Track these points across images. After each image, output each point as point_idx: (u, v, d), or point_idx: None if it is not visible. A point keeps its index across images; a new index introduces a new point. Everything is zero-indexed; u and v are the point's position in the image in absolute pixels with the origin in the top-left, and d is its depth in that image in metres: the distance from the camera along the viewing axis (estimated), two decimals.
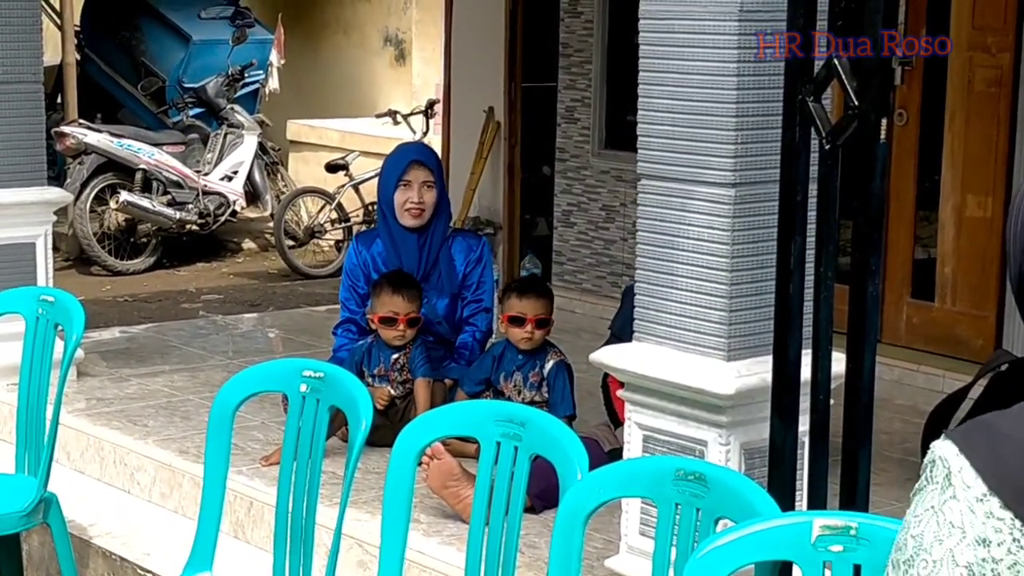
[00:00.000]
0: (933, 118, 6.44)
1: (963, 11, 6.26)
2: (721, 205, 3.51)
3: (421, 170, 5.44)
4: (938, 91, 6.40)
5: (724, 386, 3.50)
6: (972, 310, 6.34)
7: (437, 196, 5.47)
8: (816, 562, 2.64)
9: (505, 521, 3.25)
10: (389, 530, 3.33)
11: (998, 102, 6.18)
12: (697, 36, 3.51)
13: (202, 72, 11.21)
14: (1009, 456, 1.47)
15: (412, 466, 3.34)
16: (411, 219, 5.44)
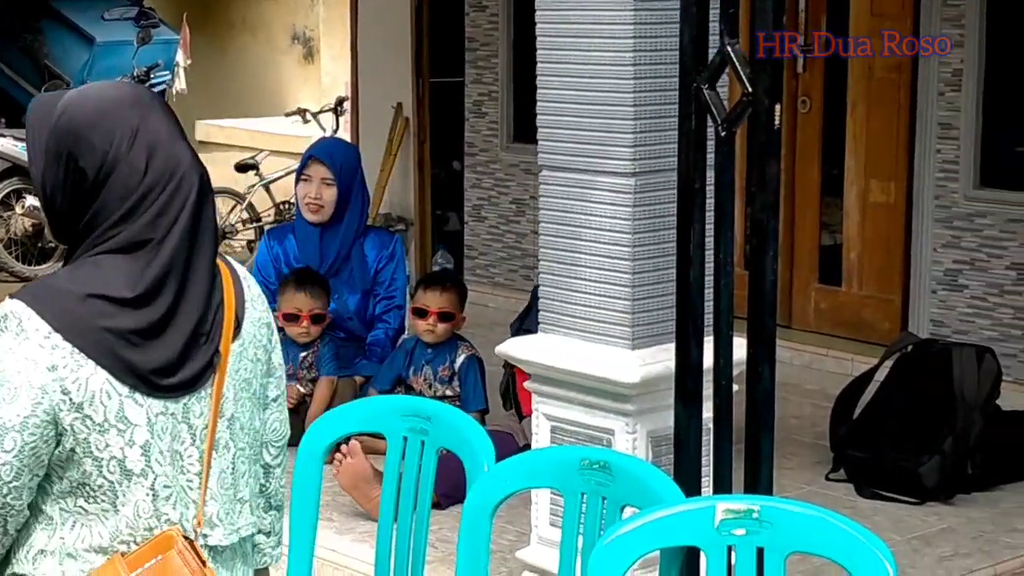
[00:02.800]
0: (836, 105, 6.50)
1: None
2: (622, 195, 3.53)
3: (320, 167, 5.46)
4: (840, 79, 6.46)
5: (629, 375, 3.52)
6: (878, 294, 6.42)
7: (341, 194, 5.45)
8: (720, 546, 2.65)
9: (414, 516, 3.24)
10: (297, 528, 3.30)
11: (898, 89, 6.25)
12: (593, 26, 3.52)
13: (107, 73, 11.08)
14: (64, 303, 2.17)
15: (319, 464, 3.32)
16: (310, 214, 5.46)
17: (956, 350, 5.07)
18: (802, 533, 2.64)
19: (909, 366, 5.16)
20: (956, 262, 6.06)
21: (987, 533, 4.59)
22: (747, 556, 2.64)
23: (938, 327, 6.09)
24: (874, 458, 4.95)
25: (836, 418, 5.16)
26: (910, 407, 5.02)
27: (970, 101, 5.96)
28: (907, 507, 4.79)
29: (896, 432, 4.96)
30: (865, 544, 2.57)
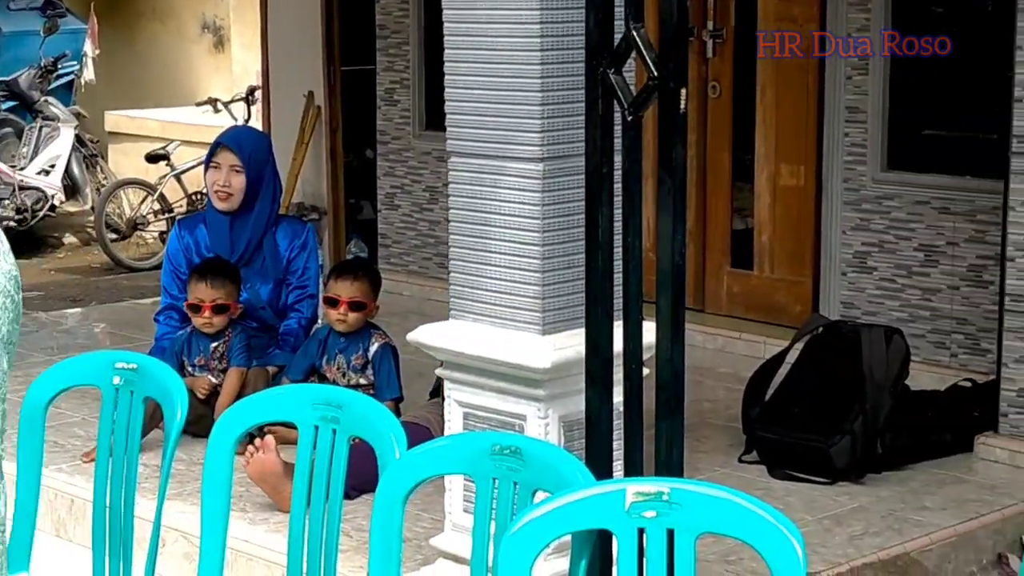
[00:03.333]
0: (745, 90, 6.54)
1: None
2: (531, 180, 3.53)
3: (228, 154, 5.44)
4: (749, 63, 6.50)
5: (540, 360, 3.53)
6: (789, 277, 6.47)
7: (251, 181, 5.43)
8: (631, 529, 2.67)
9: (326, 505, 3.23)
10: (209, 520, 3.29)
11: (807, 73, 6.29)
12: (499, 12, 3.52)
13: (13, 64, 10.98)
14: None
15: (229, 455, 3.30)
16: (218, 202, 5.46)
17: (865, 331, 5.13)
18: (711, 515, 2.65)
19: (819, 348, 5.20)
20: (865, 244, 6.12)
21: (897, 512, 4.65)
22: (658, 538, 2.66)
23: (848, 309, 6.14)
24: (786, 439, 4.99)
25: (748, 400, 5.20)
26: (821, 388, 5.07)
27: (877, 85, 6.02)
28: (819, 487, 4.84)
29: (807, 413, 5.01)
30: (773, 524, 2.59)
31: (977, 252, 5.78)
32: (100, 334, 7.18)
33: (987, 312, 5.66)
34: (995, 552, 4.57)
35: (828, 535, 4.45)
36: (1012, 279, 5.08)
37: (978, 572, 4.52)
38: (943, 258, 5.90)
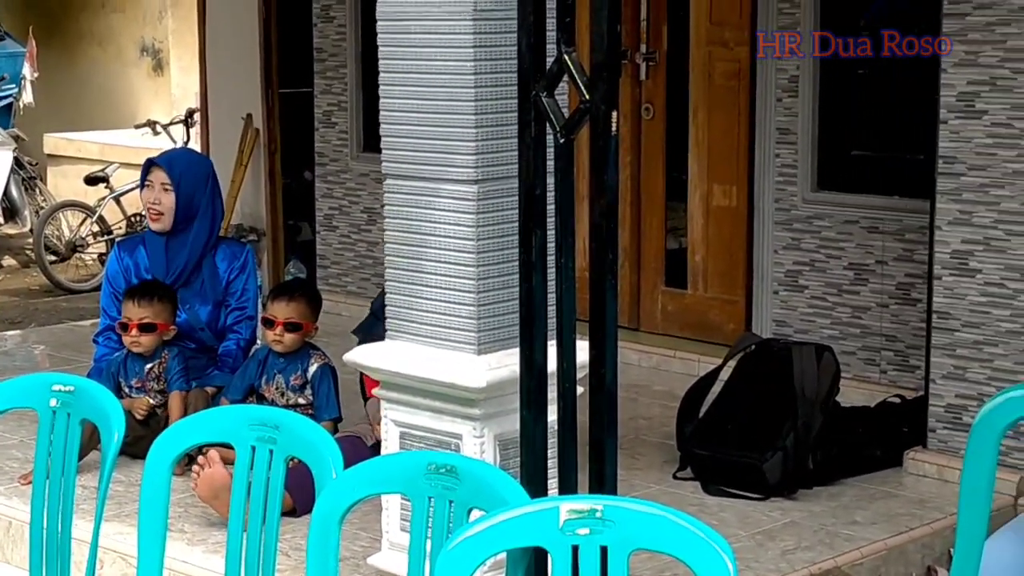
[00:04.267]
0: (678, 112, 6.58)
1: (701, 6, 6.41)
2: (465, 202, 3.54)
3: (159, 172, 5.46)
4: (681, 85, 6.54)
5: (475, 380, 3.53)
6: (723, 295, 6.50)
7: (183, 201, 5.41)
8: (565, 546, 2.67)
9: (263, 525, 3.22)
10: (145, 541, 3.26)
11: (738, 94, 6.34)
12: (433, 36, 3.52)
13: None
14: None
15: (167, 475, 3.28)
16: (152, 221, 5.47)
17: (796, 349, 5.15)
18: (644, 531, 2.66)
19: (752, 365, 5.23)
20: (796, 263, 6.16)
21: (828, 526, 4.67)
22: (591, 555, 2.66)
23: (780, 327, 6.18)
24: (719, 456, 5.01)
25: (682, 418, 5.21)
26: (753, 405, 5.09)
27: (806, 106, 6.07)
28: (752, 503, 4.86)
29: (740, 430, 5.03)
30: (704, 540, 2.60)
31: (905, 270, 5.84)
32: (39, 356, 7.11)
33: (915, 329, 5.70)
34: (924, 565, 4.60)
35: (761, 550, 4.47)
36: (939, 297, 5.12)
37: None
38: (872, 276, 5.95)
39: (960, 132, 5.00)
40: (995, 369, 5.01)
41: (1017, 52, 4.85)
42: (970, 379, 5.07)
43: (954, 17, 4.96)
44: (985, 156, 4.96)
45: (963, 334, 5.08)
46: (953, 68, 4.99)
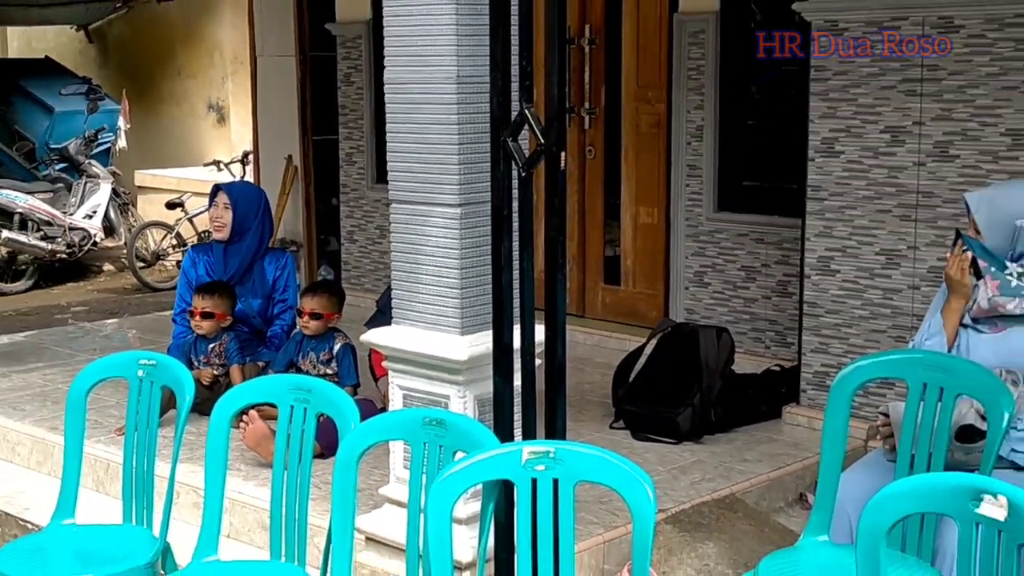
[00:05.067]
0: (613, 152, 6.58)
1: (630, 72, 6.40)
2: (452, 220, 3.52)
3: (222, 195, 5.48)
4: (616, 132, 6.53)
5: (460, 354, 3.52)
6: (647, 290, 6.50)
7: (239, 217, 5.42)
8: (526, 478, 2.68)
9: (299, 465, 3.21)
10: (211, 476, 3.26)
11: (658, 140, 6.34)
12: (428, 96, 3.51)
13: (64, 135, 10.83)
14: None
15: (227, 426, 3.28)
16: (215, 232, 5.47)
17: (702, 330, 5.16)
18: (586, 467, 2.67)
19: (668, 343, 5.24)
20: (702, 266, 6.17)
21: (726, 463, 4.68)
22: (546, 485, 2.67)
23: (690, 314, 6.19)
24: (644, 411, 5.01)
25: (616, 383, 5.21)
26: (669, 373, 5.09)
27: (709, 149, 6.07)
28: (669, 446, 4.86)
29: (659, 391, 5.03)
30: (631, 474, 2.61)
31: (783, 271, 5.85)
32: (131, 338, 7.06)
33: (791, 315, 5.72)
34: (798, 491, 4.61)
35: (675, 481, 4.47)
36: (808, 291, 5.14)
37: (785, 506, 4.56)
38: (759, 276, 5.96)
39: (823, 167, 5.01)
40: (850, 345, 5.03)
41: (866, 107, 4.87)
42: (831, 352, 5.08)
43: (819, 82, 4.97)
44: (842, 185, 4.97)
45: (826, 319, 5.09)
46: (819, 119, 5.00)
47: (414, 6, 3.48)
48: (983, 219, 3.43)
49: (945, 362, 3.24)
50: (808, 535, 3.28)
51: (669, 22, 6.13)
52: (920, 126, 4.73)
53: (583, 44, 6.53)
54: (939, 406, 3.18)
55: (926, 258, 4.78)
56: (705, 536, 4.04)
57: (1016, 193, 3.47)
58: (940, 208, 4.71)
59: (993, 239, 3.43)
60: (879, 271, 4.92)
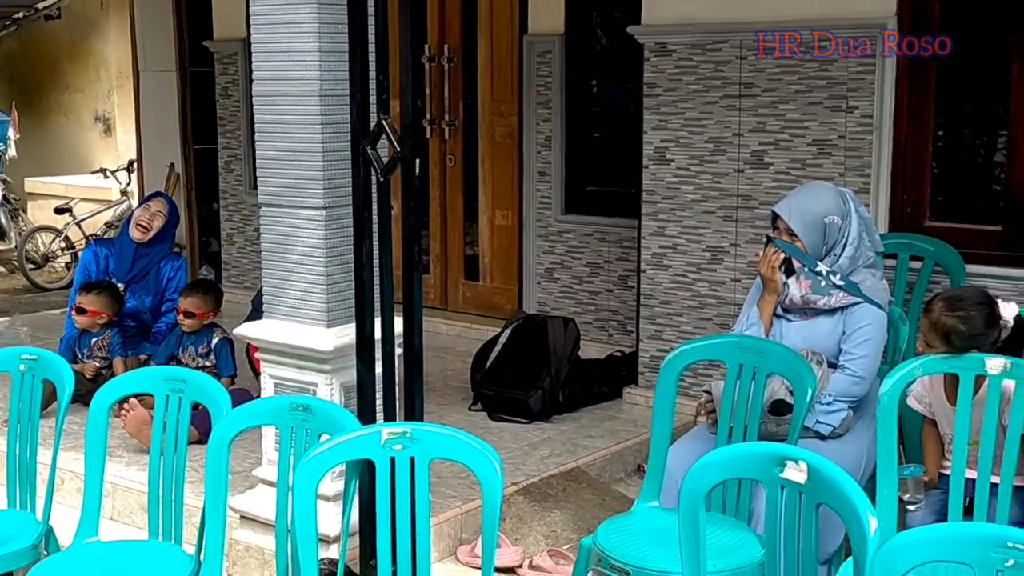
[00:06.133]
0: (471, 161, 6.58)
1: (485, 88, 6.41)
2: (317, 222, 3.49)
3: (161, 203, 5.38)
4: (473, 143, 6.54)
5: (326, 344, 3.48)
6: (503, 285, 6.52)
7: (164, 228, 5.31)
8: (385, 457, 2.66)
9: (175, 450, 3.14)
10: (91, 461, 3.16)
11: (512, 149, 6.36)
12: (294, 107, 3.47)
13: None
14: None
15: (105, 415, 3.18)
16: (137, 233, 5.31)
17: (551, 320, 5.20)
18: (439, 446, 2.67)
19: (521, 332, 5.26)
20: (551, 263, 6.22)
21: (572, 439, 4.72)
22: (404, 463, 2.66)
23: (541, 306, 6.23)
24: (499, 394, 5.03)
25: (474, 368, 5.22)
26: (522, 359, 5.12)
27: (557, 157, 6.12)
28: (521, 426, 4.89)
29: (513, 376, 5.06)
30: (480, 450, 2.62)
31: (623, 267, 5.93)
32: (22, 335, 6.81)
33: (630, 306, 5.81)
34: (636, 463, 4.68)
35: (527, 457, 4.50)
36: (644, 284, 5.22)
37: (624, 477, 4.63)
38: (602, 271, 6.04)
39: (656, 174, 5.10)
40: (681, 332, 5.12)
41: (692, 120, 4.97)
42: (665, 339, 5.17)
43: (651, 97, 5.06)
44: (672, 189, 5.07)
45: (660, 309, 5.18)
46: (651, 131, 5.08)
47: (280, 25, 3.43)
48: (798, 224, 3.53)
49: (758, 345, 3.33)
50: (641, 501, 3.34)
51: (520, 43, 6.16)
52: (739, 137, 4.85)
53: (443, 62, 6.52)
54: (753, 384, 3.27)
55: (745, 254, 4.90)
56: (553, 506, 4.07)
57: (817, 195, 3.59)
58: (757, 209, 4.84)
59: (809, 238, 3.53)
60: (705, 266, 5.02)
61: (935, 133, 4.54)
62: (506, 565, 3.76)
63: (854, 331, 3.47)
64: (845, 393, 3.43)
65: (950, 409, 3.13)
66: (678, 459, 3.35)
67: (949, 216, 4.53)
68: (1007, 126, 4.34)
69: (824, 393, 3.42)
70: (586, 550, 3.08)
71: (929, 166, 4.53)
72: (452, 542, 3.90)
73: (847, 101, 4.55)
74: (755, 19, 4.71)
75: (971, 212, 4.52)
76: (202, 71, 7.71)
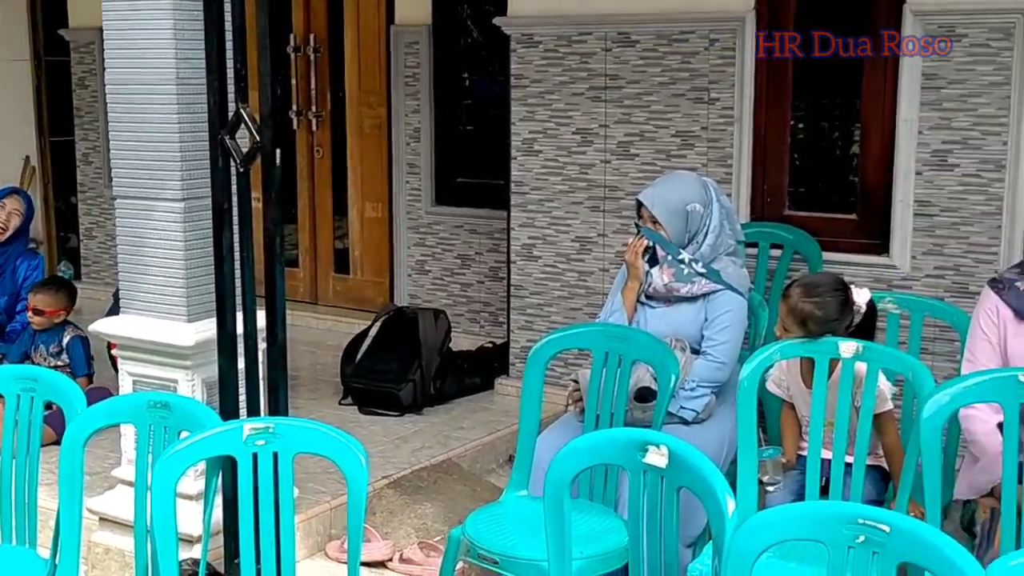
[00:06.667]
0: (340, 153, 6.51)
1: (353, 78, 6.35)
2: (175, 214, 3.41)
3: (17, 201, 5.13)
4: (342, 134, 6.47)
5: (186, 340, 3.41)
6: (374, 279, 6.48)
7: (21, 225, 5.08)
8: (247, 453, 2.62)
9: (27, 451, 3.03)
10: None
11: (380, 141, 6.32)
12: (150, 96, 3.38)
13: None
14: None
15: None
16: None
17: (421, 312, 5.19)
18: (303, 440, 2.64)
19: (391, 325, 5.24)
20: (423, 255, 6.20)
21: (444, 431, 4.73)
22: (267, 458, 2.62)
23: (413, 298, 6.21)
24: (370, 387, 5.00)
25: (344, 362, 5.18)
26: (392, 352, 5.10)
27: (426, 149, 6.11)
28: (393, 419, 4.87)
29: (383, 369, 5.03)
30: (344, 443, 2.60)
31: (494, 258, 5.95)
32: None
33: (501, 297, 5.83)
34: (507, 453, 4.71)
35: (398, 450, 4.49)
36: (515, 275, 5.25)
37: (496, 467, 4.65)
38: (473, 263, 6.05)
39: (525, 165, 5.13)
40: (551, 322, 5.17)
41: (559, 112, 5.01)
42: (535, 329, 5.21)
43: (519, 88, 5.08)
44: (541, 180, 5.10)
45: (531, 300, 5.22)
46: (519, 122, 5.11)
47: (134, 11, 3.33)
48: (660, 211, 3.60)
49: (623, 333, 3.38)
50: (510, 491, 3.36)
51: (387, 33, 6.12)
52: (605, 128, 4.91)
53: (308, 52, 6.43)
54: (619, 372, 3.31)
55: (613, 244, 4.97)
56: (424, 498, 4.07)
57: (679, 184, 3.66)
58: (623, 200, 4.91)
59: (672, 225, 3.59)
60: (574, 256, 5.07)
61: (794, 125, 4.68)
62: (376, 559, 3.73)
63: (715, 318, 3.55)
64: (708, 379, 3.51)
65: (806, 392, 3.23)
66: (546, 448, 3.37)
67: (807, 206, 4.67)
68: (861, 120, 4.49)
69: (688, 379, 3.49)
70: (455, 541, 3.08)
71: (788, 157, 4.66)
72: (321, 538, 3.86)
73: (709, 93, 4.64)
74: (619, 11, 4.77)
75: (828, 202, 4.67)
76: (58, 60, 7.45)
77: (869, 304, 3.30)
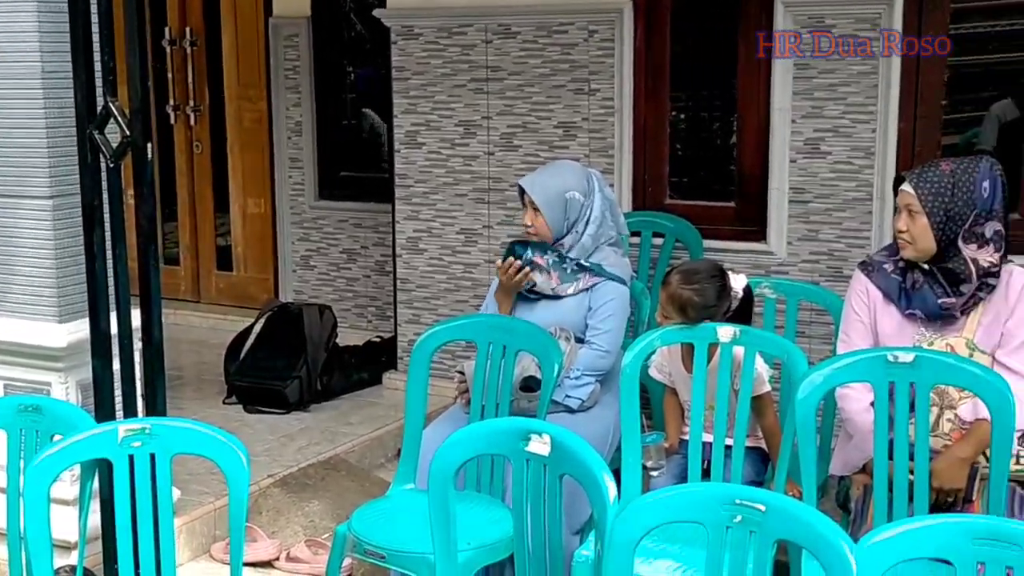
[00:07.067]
0: (220, 148, 6.40)
1: (231, 72, 6.25)
2: (44, 212, 3.31)
3: None
4: (221, 128, 6.37)
5: (58, 341, 3.32)
6: (257, 275, 6.39)
7: None
8: (123, 456, 2.56)
9: None
10: None
11: (261, 135, 6.23)
12: (11, 90, 3.27)
13: None
14: None
15: None
16: None
17: (306, 308, 5.14)
18: (181, 440, 2.59)
19: (275, 321, 5.18)
20: (307, 250, 6.14)
21: (331, 428, 4.69)
22: (143, 460, 2.57)
23: (299, 294, 6.15)
24: (255, 385, 4.94)
25: (228, 360, 5.10)
26: (277, 348, 5.04)
27: (308, 143, 6.05)
28: (279, 416, 4.82)
29: (268, 366, 4.97)
30: (224, 442, 2.56)
31: (380, 252, 5.93)
32: None
33: (388, 292, 5.80)
34: (396, 448, 4.68)
35: (285, 448, 4.44)
36: (401, 269, 5.23)
37: (385, 462, 4.63)
38: (359, 257, 6.01)
39: (408, 157, 5.11)
40: (438, 315, 5.16)
41: (442, 104, 5.00)
42: (423, 322, 5.19)
43: (400, 80, 5.05)
44: (425, 173, 5.09)
45: (417, 292, 5.20)
46: (402, 115, 5.08)
47: None
48: (540, 199, 3.62)
49: (507, 323, 3.39)
50: (396, 484, 3.35)
51: (266, 26, 6.03)
52: (488, 120, 4.92)
53: (185, 45, 6.30)
54: (503, 362, 3.33)
55: (499, 235, 4.98)
56: (311, 495, 4.03)
57: (560, 172, 3.69)
58: (508, 191, 4.93)
59: (551, 212, 3.61)
60: (460, 248, 5.08)
61: (674, 116, 4.76)
62: (262, 559, 3.69)
63: (599, 307, 3.59)
64: (592, 367, 3.55)
65: (687, 377, 3.30)
66: (432, 440, 3.37)
67: (688, 194, 4.76)
68: (737, 109, 4.59)
69: (572, 368, 3.52)
70: (341, 537, 3.06)
71: (667, 147, 4.74)
72: (206, 539, 3.80)
73: (589, 84, 4.69)
74: (498, 3, 4.79)
75: (708, 190, 4.76)
76: None
77: (746, 289, 3.38)
